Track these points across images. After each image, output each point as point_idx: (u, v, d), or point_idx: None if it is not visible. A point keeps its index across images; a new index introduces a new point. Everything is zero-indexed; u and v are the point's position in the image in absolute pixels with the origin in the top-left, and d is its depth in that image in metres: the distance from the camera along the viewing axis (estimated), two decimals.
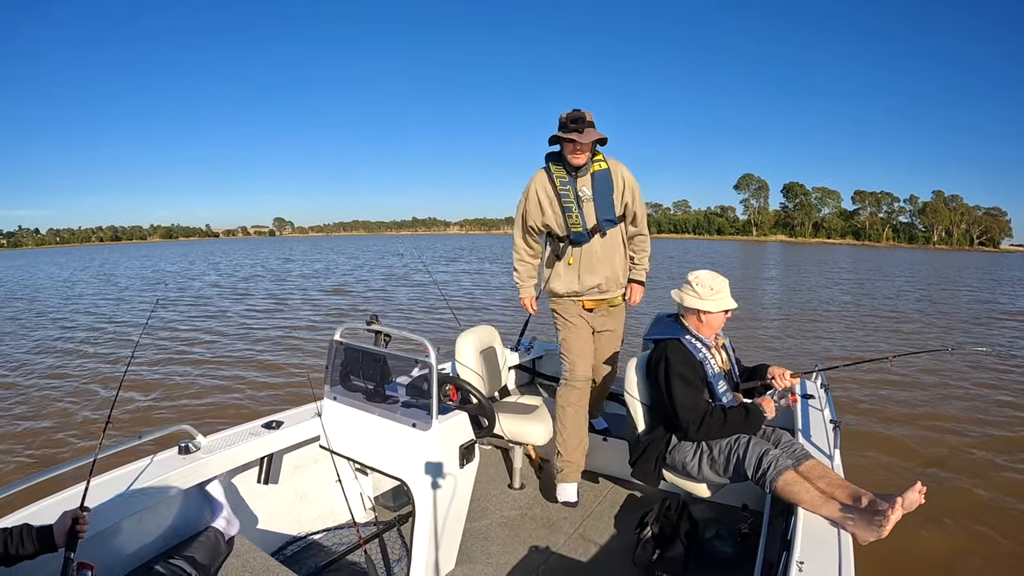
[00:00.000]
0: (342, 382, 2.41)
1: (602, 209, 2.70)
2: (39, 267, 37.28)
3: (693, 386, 2.24)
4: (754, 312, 12.60)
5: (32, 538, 1.43)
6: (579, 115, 2.55)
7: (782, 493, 1.91)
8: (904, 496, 1.70)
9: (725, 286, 2.32)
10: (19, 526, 1.45)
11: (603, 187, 2.70)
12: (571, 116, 2.55)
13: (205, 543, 1.93)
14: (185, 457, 2.06)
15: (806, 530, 1.68)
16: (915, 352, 4.11)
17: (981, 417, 5.87)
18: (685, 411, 2.20)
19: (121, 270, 30.92)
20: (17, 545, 1.41)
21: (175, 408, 5.91)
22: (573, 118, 2.54)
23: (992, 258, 56.53)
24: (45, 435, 5.23)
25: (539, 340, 3.85)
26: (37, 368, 7.90)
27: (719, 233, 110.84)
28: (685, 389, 2.22)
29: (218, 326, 11.11)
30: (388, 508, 2.81)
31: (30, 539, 1.43)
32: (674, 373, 2.24)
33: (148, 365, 7.67)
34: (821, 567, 1.46)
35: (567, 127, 2.55)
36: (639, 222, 2.87)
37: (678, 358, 2.26)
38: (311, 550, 2.50)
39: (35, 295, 18.63)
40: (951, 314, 13.50)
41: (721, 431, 2.19)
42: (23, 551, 1.42)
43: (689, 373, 2.24)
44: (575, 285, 2.78)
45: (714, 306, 2.28)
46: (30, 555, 1.43)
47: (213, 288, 19.04)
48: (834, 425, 2.38)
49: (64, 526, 1.43)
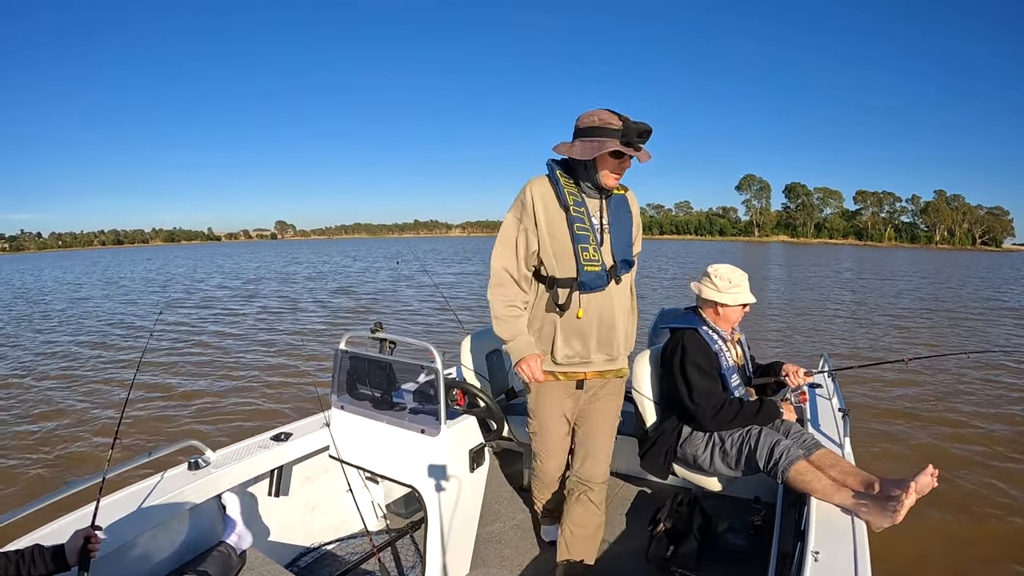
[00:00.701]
0: (349, 391, 2.39)
1: (620, 245, 2.01)
2: (45, 270, 37.38)
3: (709, 375, 2.25)
4: (761, 310, 12.57)
5: (44, 559, 1.41)
6: (648, 128, 1.82)
7: (794, 483, 1.90)
8: (916, 480, 1.69)
9: (744, 280, 2.32)
10: (30, 547, 1.44)
11: (621, 216, 2.04)
12: (639, 127, 1.80)
13: (218, 558, 1.90)
14: (195, 473, 2.05)
15: (820, 520, 1.66)
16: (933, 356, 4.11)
17: (992, 412, 5.88)
18: (702, 398, 2.21)
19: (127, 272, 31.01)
20: (29, 566, 1.40)
21: (183, 420, 5.88)
22: (641, 130, 1.80)
23: (995, 257, 56.48)
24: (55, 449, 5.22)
25: None
26: (45, 375, 7.90)
27: (721, 234, 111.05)
28: (701, 377, 2.23)
29: (225, 330, 11.12)
30: (400, 516, 2.79)
31: (42, 559, 1.41)
32: (690, 361, 2.25)
33: (155, 375, 7.65)
34: (836, 556, 1.44)
35: (629, 138, 1.80)
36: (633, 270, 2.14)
37: (695, 347, 2.27)
38: (324, 561, 2.48)
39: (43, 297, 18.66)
40: (957, 311, 13.47)
41: (734, 422, 2.19)
42: (35, 572, 1.40)
43: (705, 363, 2.25)
44: (583, 349, 2.01)
45: (731, 299, 2.29)
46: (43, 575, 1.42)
47: (220, 290, 19.06)
48: (843, 413, 2.40)
49: (76, 545, 1.42)
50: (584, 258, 1.92)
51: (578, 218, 1.92)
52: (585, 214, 1.94)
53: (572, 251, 1.92)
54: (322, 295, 17.20)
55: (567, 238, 1.92)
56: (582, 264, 1.91)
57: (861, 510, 1.69)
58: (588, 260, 1.92)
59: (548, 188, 1.96)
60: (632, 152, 1.83)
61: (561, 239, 1.93)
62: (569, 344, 2.00)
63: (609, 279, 1.98)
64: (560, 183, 1.94)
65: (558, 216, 1.93)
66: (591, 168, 1.90)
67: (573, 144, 1.89)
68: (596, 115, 1.82)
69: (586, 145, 1.83)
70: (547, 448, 2.21)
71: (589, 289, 1.96)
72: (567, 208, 1.92)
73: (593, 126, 1.82)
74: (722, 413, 2.18)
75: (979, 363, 7.78)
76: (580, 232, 1.91)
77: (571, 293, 1.96)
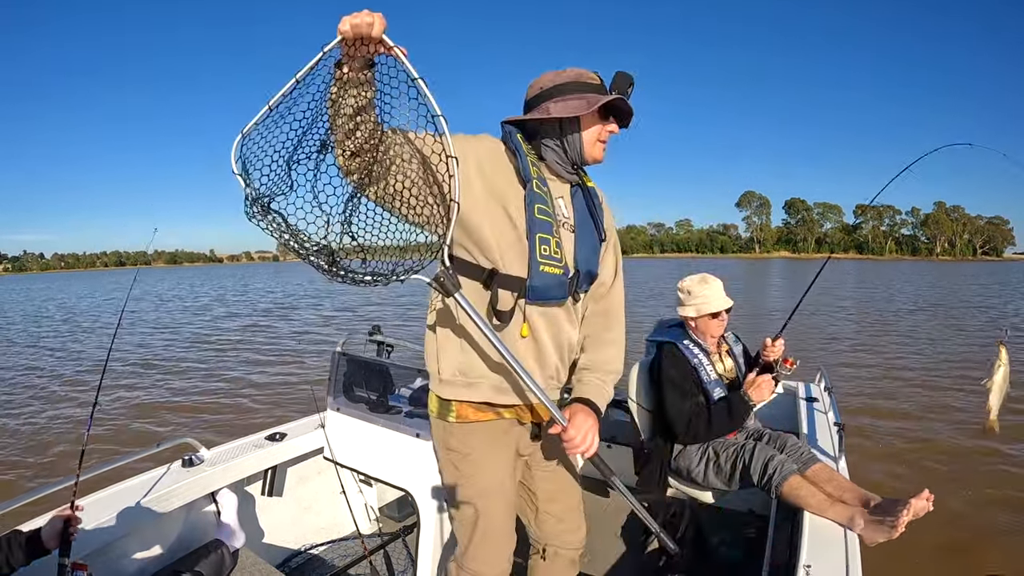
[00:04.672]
0: (345, 393, 2.41)
1: (586, 249, 1.43)
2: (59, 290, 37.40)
3: (680, 389, 2.23)
4: (762, 325, 12.55)
5: (20, 544, 1.40)
6: (631, 78, 1.35)
7: (788, 497, 1.90)
8: (911, 503, 1.68)
9: (708, 289, 2.27)
10: (7, 535, 1.42)
11: (590, 214, 1.46)
12: (629, 77, 1.35)
13: (211, 556, 1.91)
14: (189, 470, 2.07)
15: (812, 534, 1.66)
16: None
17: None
18: (672, 415, 2.23)
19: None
20: (7, 554, 1.39)
21: (178, 418, 5.93)
22: (631, 81, 1.35)
23: (997, 267, 56.27)
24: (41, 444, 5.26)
25: None
26: (33, 377, 7.91)
27: (722, 251, 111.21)
28: (672, 393, 2.23)
29: (221, 336, 11.13)
30: (393, 519, 2.79)
31: (19, 546, 1.40)
32: (666, 378, 2.25)
33: (152, 373, 7.67)
34: (828, 570, 1.44)
35: (623, 90, 1.34)
36: (616, 287, 1.57)
37: (670, 362, 2.27)
38: (316, 562, 2.48)
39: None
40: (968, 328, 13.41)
41: (709, 430, 2.19)
42: (13, 560, 1.39)
43: (678, 377, 2.24)
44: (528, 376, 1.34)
45: (694, 311, 2.27)
46: (22, 563, 1.40)
47: (215, 302, 19.10)
48: (838, 428, 2.37)
49: (55, 529, 1.40)
50: (541, 253, 1.32)
51: (540, 197, 1.34)
52: (548, 196, 1.36)
53: (525, 241, 1.32)
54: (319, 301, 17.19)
55: (521, 220, 1.32)
56: (537, 261, 1.31)
57: (855, 526, 1.68)
58: (546, 258, 1.32)
59: (503, 153, 1.38)
60: (629, 108, 1.36)
61: (516, 222, 1.32)
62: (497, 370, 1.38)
63: (569, 291, 1.40)
64: (523, 151, 1.36)
65: (512, 190, 1.34)
66: (569, 134, 1.37)
67: (546, 106, 1.35)
68: (568, 71, 1.36)
69: (569, 102, 1.32)
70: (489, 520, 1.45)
71: (541, 298, 1.35)
72: (528, 181, 1.34)
73: (569, 82, 1.34)
74: (692, 426, 2.19)
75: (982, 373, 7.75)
76: (541, 218, 1.33)
77: (516, 300, 1.34)
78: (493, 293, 1.33)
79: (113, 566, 1.79)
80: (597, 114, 1.36)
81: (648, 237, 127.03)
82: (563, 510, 1.63)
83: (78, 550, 1.45)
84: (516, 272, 1.33)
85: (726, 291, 2.31)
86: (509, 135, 1.40)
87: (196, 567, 1.85)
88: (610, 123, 1.39)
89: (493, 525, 1.46)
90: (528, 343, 1.38)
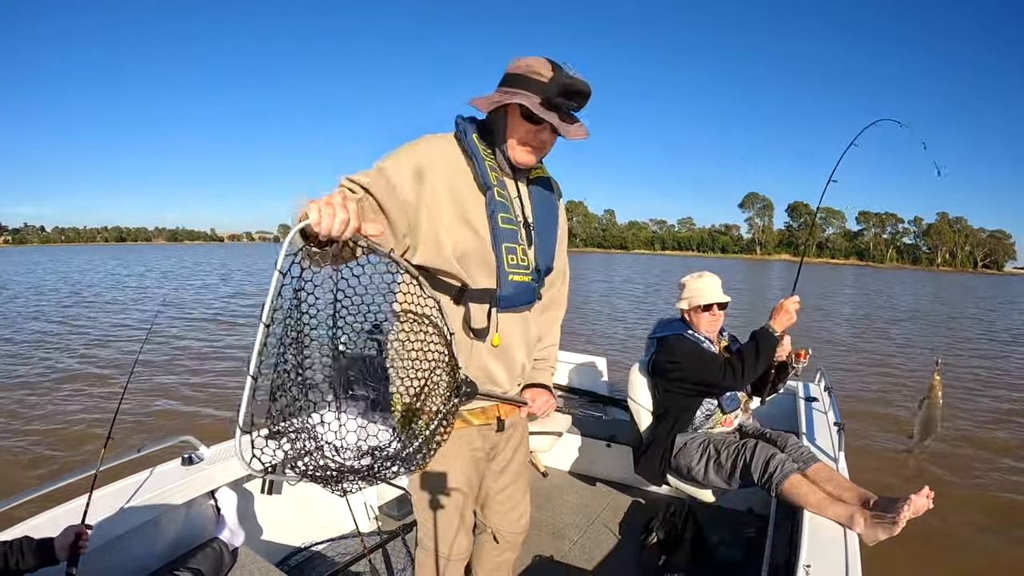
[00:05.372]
0: (345, 390, 2.39)
1: (546, 246, 1.44)
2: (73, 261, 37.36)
3: (700, 352, 2.30)
4: None
5: (33, 551, 1.43)
6: (584, 87, 1.23)
7: (788, 496, 1.90)
8: (911, 500, 1.69)
9: (702, 283, 2.35)
10: (19, 539, 1.45)
11: (547, 208, 1.45)
12: (569, 83, 1.21)
13: (209, 554, 1.90)
14: (188, 468, 2.05)
15: (812, 533, 1.66)
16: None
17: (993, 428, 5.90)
18: (704, 372, 2.25)
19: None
20: (17, 558, 1.41)
21: (177, 416, 5.88)
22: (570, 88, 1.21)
23: (996, 281, 56.35)
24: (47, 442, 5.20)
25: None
26: (44, 370, 7.89)
27: (723, 251, 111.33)
28: (695, 359, 2.28)
29: (218, 330, 11.12)
30: (392, 517, 2.79)
31: (31, 552, 1.43)
32: (680, 352, 2.30)
33: (152, 373, 7.64)
34: (828, 570, 1.44)
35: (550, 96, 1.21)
36: (563, 277, 1.60)
37: (678, 343, 2.33)
38: (315, 561, 2.47)
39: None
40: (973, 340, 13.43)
41: (743, 369, 2.18)
42: (23, 565, 1.41)
43: (694, 348, 2.31)
44: (493, 383, 1.41)
45: (687, 304, 2.35)
46: (31, 568, 1.43)
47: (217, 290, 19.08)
48: (838, 427, 2.39)
49: (67, 541, 1.43)
50: (509, 263, 1.31)
51: (502, 205, 1.30)
52: (509, 201, 1.33)
53: (491, 251, 1.30)
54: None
55: (485, 230, 1.29)
56: (506, 272, 1.31)
57: (855, 524, 1.69)
58: (514, 267, 1.32)
59: (458, 155, 1.31)
60: (551, 118, 1.20)
61: (478, 227, 1.28)
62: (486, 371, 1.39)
63: (537, 294, 1.44)
64: (479, 152, 1.30)
65: (473, 198, 1.29)
66: (499, 133, 1.32)
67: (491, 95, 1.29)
68: (525, 60, 1.26)
69: (492, 96, 1.27)
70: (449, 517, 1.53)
71: (512, 306, 1.36)
72: (488, 189, 1.29)
73: (516, 74, 1.25)
74: (727, 369, 2.20)
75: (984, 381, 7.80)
76: (506, 227, 1.30)
77: (489, 312, 1.33)
78: (466, 309, 1.33)
79: (112, 564, 1.77)
80: (522, 116, 1.27)
81: (650, 234, 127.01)
82: (513, 500, 1.68)
83: None
84: (485, 284, 1.32)
85: (724, 290, 2.38)
86: (464, 134, 1.33)
87: (195, 565, 1.83)
88: (542, 130, 1.27)
89: (463, 518, 1.56)
90: (499, 351, 1.39)
